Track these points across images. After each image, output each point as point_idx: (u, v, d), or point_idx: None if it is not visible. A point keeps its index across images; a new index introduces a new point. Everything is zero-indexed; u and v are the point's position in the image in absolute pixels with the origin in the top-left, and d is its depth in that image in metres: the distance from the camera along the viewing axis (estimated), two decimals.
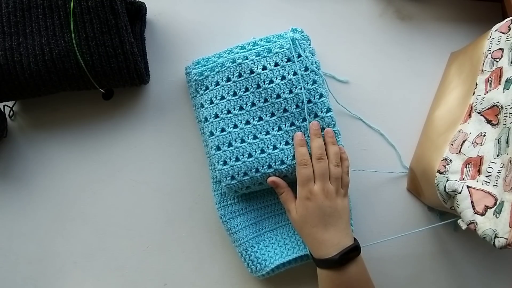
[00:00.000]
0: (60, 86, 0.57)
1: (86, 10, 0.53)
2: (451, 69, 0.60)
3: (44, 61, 0.54)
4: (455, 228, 0.57)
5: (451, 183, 0.45)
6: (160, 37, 0.65)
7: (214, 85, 0.56)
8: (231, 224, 0.55)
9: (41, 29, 0.54)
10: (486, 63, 0.51)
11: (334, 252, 0.46)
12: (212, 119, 0.55)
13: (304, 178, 0.50)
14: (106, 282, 0.57)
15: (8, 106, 0.62)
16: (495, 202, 0.42)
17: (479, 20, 0.65)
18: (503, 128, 0.45)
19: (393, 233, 0.54)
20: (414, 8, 0.66)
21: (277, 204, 0.58)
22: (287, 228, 0.57)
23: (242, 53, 0.55)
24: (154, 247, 0.58)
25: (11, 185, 0.61)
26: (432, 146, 0.53)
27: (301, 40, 0.54)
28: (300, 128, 0.53)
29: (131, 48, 0.55)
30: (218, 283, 0.57)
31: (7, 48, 0.54)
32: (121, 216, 0.59)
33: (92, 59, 0.54)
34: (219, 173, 0.54)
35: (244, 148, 0.53)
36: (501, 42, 0.50)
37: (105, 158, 0.61)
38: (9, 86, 0.55)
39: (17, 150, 0.62)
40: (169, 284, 0.58)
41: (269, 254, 0.55)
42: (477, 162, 0.46)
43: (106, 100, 0.62)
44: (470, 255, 0.57)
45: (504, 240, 0.39)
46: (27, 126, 0.63)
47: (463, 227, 0.43)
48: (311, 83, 0.53)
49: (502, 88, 0.47)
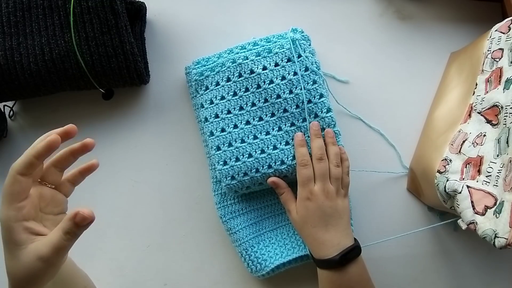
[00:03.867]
0: (60, 86, 0.57)
1: (86, 10, 0.53)
2: (451, 69, 0.60)
3: (44, 61, 0.54)
4: (455, 228, 0.57)
5: (451, 183, 0.45)
6: (160, 37, 0.65)
7: (214, 85, 0.56)
8: (231, 224, 0.55)
9: (41, 29, 0.54)
10: (486, 63, 0.51)
11: (335, 252, 0.46)
12: (212, 119, 0.55)
13: (305, 178, 0.50)
14: (106, 282, 0.57)
15: (8, 106, 0.62)
16: (495, 202, 0.42)
17: (479, 20, 0.65)
18: (503, 128, 0.45)
19: (393, 233, 0.54)
20: (414, 8, 0.66)
21: (277, 204, 0.58)
22: (287, 228, 0.57)
23: (242, 53, 0.55)
24: (154, 247, 0.58)
25: None
26: (432, 146, 0.53)
27: (301, 40, 0.54)
28: (300, 128, 0.53)
29: (131, 48, 0.55)
30: (218, 283, 0.57)
31: (7, 48, 0.54)
32: (121, 216, 0.59)
33: (92, 59, 0.54)
34: (219, 173, 0.54)
35: (244, 148, 0.53)
36: (501, 42, 0.50)
37: (105, 158, 0.61)
38: (9, 86, 0.55)
39: (17, 150, 0.62)
40: (169, 284, 0.58)
41: (269, 254, 0.55)
42: (477, 162, 0.46)
43: (106, 100, 0.62)
44: (470, 255, 0.57)
45: (504, 240, 0.39)
46: (27, 126, 0.63)
47: (463, 227, 0.43)
48: (311, 83, 0.53)
49: (502, 88, 0.47)
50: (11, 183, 0.35)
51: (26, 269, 0.35)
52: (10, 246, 0.36)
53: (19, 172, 0.35)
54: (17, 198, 0.36)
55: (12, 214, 0.35)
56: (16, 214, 0.36)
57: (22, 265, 0.35)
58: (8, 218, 0.35)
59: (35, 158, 0.36)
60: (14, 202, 0.36)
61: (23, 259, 0.35)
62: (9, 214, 0.35)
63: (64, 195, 0.43)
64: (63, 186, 0.42)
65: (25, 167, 0.35)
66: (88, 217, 0.35)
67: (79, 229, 0.35)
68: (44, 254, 0.35)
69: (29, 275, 0.36)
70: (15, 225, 0.35)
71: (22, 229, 0.36)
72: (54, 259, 0.36)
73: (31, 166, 0.36)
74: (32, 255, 0.35)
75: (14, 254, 0.36)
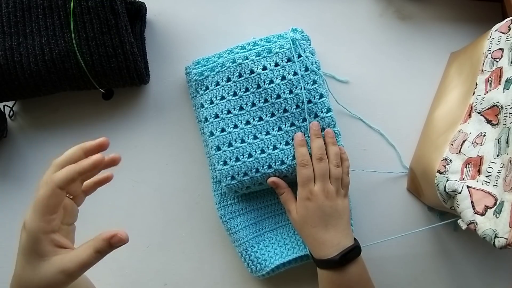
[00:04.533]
0: (60, 86, 0.57)
1: (86, 10, 0.53)
2: (451, 69, 0.60)
3: (44, 61, 0.54)
4: (455, 228, 0.57)
5: (451, 183, 0.45)
6: (160, 37, 0.65)
7: (214, 85, 0.56)
8: (231, 224, 0.55)
9: (41, 29, 0.54)
10: (486, 63, 0.51)
11: (335, 252, 0.46)
12: (212, 119, 0.55)
13: (305, 178, 0.50)
14: (106, 282, 0.57)
15: (8, 106, 0.62)
16: (495, 202, 0.42)
17: (479, 20, 0.65)
18: (503, 128, 0.45)
19: (393, 233, 0.54)
20: (414, 8, 0.66)
21: (277, 204, 0.58)
22: (287, 228, 0.57)
23: (242, 53, 0.55)
24: (154, 247, 0.58)
25: (11, 185, 0.61)
26: (432, 146, 0.53)
27: (301, 40, 0.54)
28: (300, 128, 0.53)
29: (131, 48, 0.55)
30: (218, 283, 0.57)
31: (7, 48, 0.54)
32: (121, 216, 0.59)
33: (92, 59, 0.54)
34: (219, 173, 0.54)
35: (244, 148, 0.53)
36: (501, 42, 0.50)
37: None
38: (9, 86, 0.55)
39: (17, 150, 0.62)
40: (169, 284, 0.58)
41: (269, 254, 0.55)
42: (477, 162, 0.46)
43: (106, 100, 0.62)
44: (470, 255, 0.57)
45: (504, 240, 0.39)
46: (27, 126, 0.63)
47: (463, 227, 0.43)
48: (311, 83, 0.53)
49: (502, 88, 0.47)
50: (49, 196, 0.35)
51: (45, 281, 0.35)
52: (32, 256, 0.35)
53: (60, 186, 0.35)
54: (51, 211, 0.35)
55: (43, 225, 0.35)
56: (46, 226, 0.35)
57: (42, 276, 0.35)
58: (39, 229, 0.35)
59: (79, 175, 0.36)
60: (47, 214, 0.35)
61: (44, 271, 0.35)
62: (40, 226, 0.35)
63: (77, 205, 0.42)
64: (78, 197, 0.42)
65: (67, 182, 0.35)
66: (125, 240, 0.36)
67: (111, 249, 0.36)
68: (69, 269, 0.35)
69: (47, 287, 0.35)
70: (43, 236, 0.35)
71: (49, 241, 0.36)
72: (78, 274, 0.36)
73: (72, 181, 0.36)
74: (56, 268, 0.35)
75: (34, 265, 0.35)
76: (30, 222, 0.35)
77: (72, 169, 0.36)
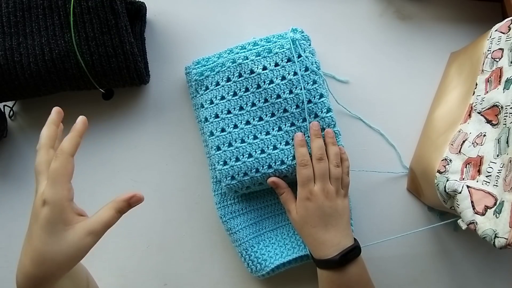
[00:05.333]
0: (60, 86, 0.57)
1: (86, 10, 0.53)
2: (451, 69, 0.60)
3: (44, 61, 0.54)
4: (455, 228, 0.57)
5: (451, 183, 0.45)
6: (160, 37, 0.65)
7: (214, 85, 0.56)
8: (231, 224, 0.55)
9: (41, 29, 0.54)
10: (486, 63, 0.51)
11: (334, 252, 0.46)
12: (212, 119, 0.55)
13: (304, 178, 0.50)
14: (106, 282, 0.57)
15: (8, 106, 0.62)
16: (495, 202, 0.42)
17: (479, 20, 0.65)
18: (503, 128, 0.45)
19: (393, 233, 0.54)
20: (414, 8, 0.66)
21: (277, 204, 0.58)
22: (287, 228, 0.57)
23: (242, 53, 0.55)
24: (154, 247, 0.58)
25: (11, 185, 0.61)
26: (432, 146, 0.53)
27: (301, 40, 0.54)
28: (300, 128, 0.53)
29: (131, 48, 0.55)
30: (218, 283, 0.57)
31: (7, 48, 0.54)
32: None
33: (92, 59, 0.54)
34: (219, 173, 0.54)
35: (244, 148, 0.53)
36: (501, 42, 0.50)
37: (105, 158, 0.61)
38: (9, 86, 0.55)
39: (17, 150, 0.62)
40: (169, 284, 0.58)
41: (269, 254, 0.55)
42: (477, 162, 0.46)
43: (106, 100, 0.62)
44: (470, 255, 0.57)
45: (504, 240, 0.39)
46: (27, 126, 0.63)
47: (463, 227, 0.43)
48: (311, 83, 0.53)
49: (502, 88, 0.47)
50: (65, 164, 0.38)
51: (75, 246, 0.37)
52: (58, 227, 0.37)
53: (72, 154, 0.39)
54: (70, 178, 0.38)
55: (66, 194, 0.38)
56: (68, 194, 0.38)
57: (70, 242, 0.37)
58: (63, 198, 0.37)
59: (81, 138, 0.40)
60: (67, 183, 0.38)
61: (72, 237, 0.37)
62: (64, 194, 0.37)
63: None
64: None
65: (76, 148, 0.39)
66: (142, 199, 0.41)
67: (129, 208, 0.40)
68: (96, 229, 0.38)
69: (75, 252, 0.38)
70: (67, 204, 0.38)
71: (71, 209, 0.38)
72: (102, 234, 0.39)
73: (78, 146, 0.40)
74: (83, 231, 0.38)
75: (59, 235, 0.37)
76: (53, 194, 0.37)
77: (74, 136, 0.40)
